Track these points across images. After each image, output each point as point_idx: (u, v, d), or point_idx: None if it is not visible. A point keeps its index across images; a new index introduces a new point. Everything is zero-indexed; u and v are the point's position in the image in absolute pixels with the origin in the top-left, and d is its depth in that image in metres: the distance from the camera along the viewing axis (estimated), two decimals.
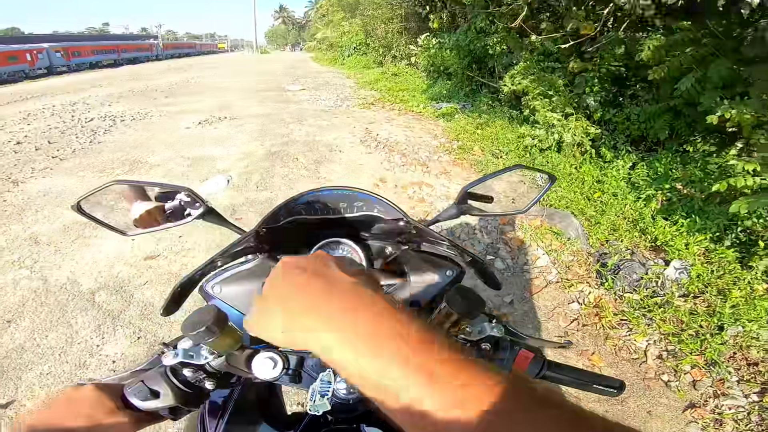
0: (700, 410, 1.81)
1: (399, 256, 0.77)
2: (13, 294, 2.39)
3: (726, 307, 2.19)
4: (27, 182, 4.00)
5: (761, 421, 1.73)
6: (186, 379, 0.53)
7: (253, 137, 5.63)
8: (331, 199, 0.72)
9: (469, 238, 2.99)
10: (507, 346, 0.59)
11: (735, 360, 2.03)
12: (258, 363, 0.55)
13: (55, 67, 21.29)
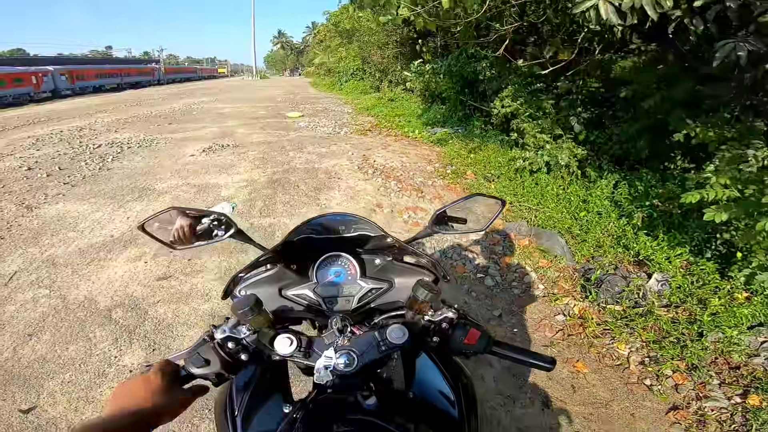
0: (683, 412, 1.89)
1: (386, 266, 0.97)
2: (33, 310, 2.55)
3: (705, 315, 2.32)
4: (41, 207, 4.19)
5: (745, 421, 1.80)
6: (229, 351, 0.73)
7: (255, 165, 5.87)
8: (333, 223, 0.93)
9: (460, 258, 3.18)
10: (460, 326, 0.77)
11: (717, 364, 2.12)
12: (279, 341, 0.75)
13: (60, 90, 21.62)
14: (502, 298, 2.75)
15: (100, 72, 27.26)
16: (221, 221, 0.92)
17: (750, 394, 1.91)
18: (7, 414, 1.85)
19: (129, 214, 4.03)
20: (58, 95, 21.18)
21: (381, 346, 0.76)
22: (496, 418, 1.88)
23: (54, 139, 7.72)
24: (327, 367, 0.75)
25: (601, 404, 1.97)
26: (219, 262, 3.10)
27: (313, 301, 0.93)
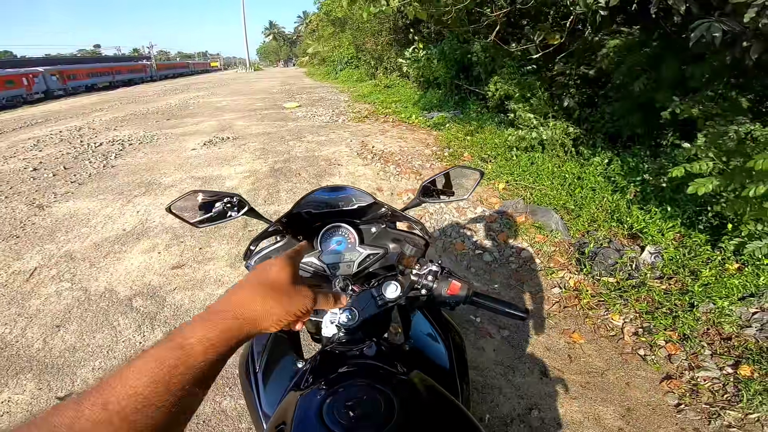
0: (676, 381, 1.96)
1: (381, 233, 1.09)
2: (58, 303, 2.67)
3: (697, 286, 2.38)
4: (52, 206, 4.30)
5: (737, 392, 1.85)
6: None
7: (256, 156, 5.96)
8: (332, 195, 1.05)
9: (459, 236, 3.31)
10: (443, 278, 0.88)
11: (708, 335, 2.18)
12: None
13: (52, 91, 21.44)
14: (500, 273, 2.88)
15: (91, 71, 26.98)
16: (235, 201, 1.05)
17: (741, 365, 1.96)
18: (45, 402, 1.95)
19: (138, 209, 4.15)
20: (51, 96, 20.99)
21: (378, 301, 0.86)
22: (497, 387, 1.98)
23: (54, 140, 7.77)
24: (332, 322, 0.86)
25: (597, 373, 2.05)
26: (228, 250, 3.23)
27: (318, 267, 1.04)
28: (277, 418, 0.77)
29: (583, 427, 1.78)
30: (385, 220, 1.09)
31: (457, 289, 0.86)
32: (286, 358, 0.99)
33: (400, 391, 0.72)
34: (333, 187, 1.01)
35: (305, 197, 0.98)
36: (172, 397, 0.39)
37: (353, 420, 0.65)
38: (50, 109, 13.78)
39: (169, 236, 3.54)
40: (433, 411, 0.74)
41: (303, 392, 0.77)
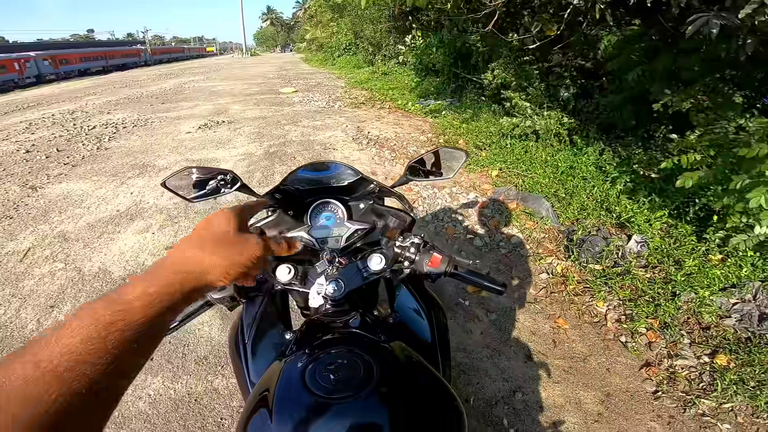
0: (654, 369, 2.00)
1: (369, 209, 1.12)
2: (51, 283, 2.69)
3: (680, 275, 2.43)
4: (45, 187, 4.30)
5: (712, 381, 1.89)
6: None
7: (252, 139, 5.95)
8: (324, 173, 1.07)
9: (450, 220, 3.35)
10: (425, 251, 0.91)
11: (688, 324, 2.23)
12: (280, 269, 0.91)
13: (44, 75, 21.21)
14: (490, 258, 2.93)
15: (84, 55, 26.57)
16: (228, 178, 1.07)
17: (718, 354, 2.01)
18: None
19: (132, 190, 4.15)
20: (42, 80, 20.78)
21: (363, 273, 0.90)
22: (483, 369, 2.03)
23: (47, 123, 7.68)
24: (319, 293, 0.89)
25: (579, 358, 2.10)
26: None
27: (308, 241, 1.07)
28: (261, 385, 0.79)
29: (565, 411, 1.83)
30: (373, 197, 1.12)
31: (438, 261, 0.89)
32: (274, 330, 1.02)
33: (380, 357, 0.75)
34: (321, 162, 1.04)
35: (294, 172, 1.00)
36: (108, 355, 0.38)
37: (334, 383, 0.68)
38: (42, 93, 13.59)
39: (163, 217, 3.55)
40: (411, 378, 0.77)
41: (287, 359, 0.80)
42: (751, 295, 2.27)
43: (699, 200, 2.88)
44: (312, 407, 0.66)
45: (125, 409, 1.83)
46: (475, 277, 0.90)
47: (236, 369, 1.01)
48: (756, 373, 1.89)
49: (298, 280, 0.91)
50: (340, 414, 0.65)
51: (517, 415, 1.80)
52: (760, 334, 2.09)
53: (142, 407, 1.84)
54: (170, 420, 1.78)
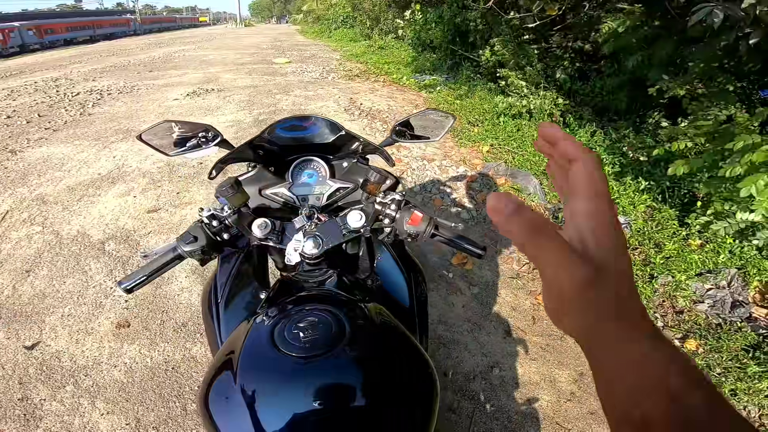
0: None
1: (352, 168, 1.09)
2: (28, 247, 2.63)
3: (659, 258, 2.44)
4: (25, 151, 4.17)
5: None
6: (212, 229, 0.85)
7: (241, 107, 5.81)
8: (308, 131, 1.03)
9: (439, 192, 3.32)
10: (405, 209, 0.89)
11: (663, 307, 2.23)
12: (256, 224, 0.87)
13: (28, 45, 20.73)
14: (476, 231, 2.91)
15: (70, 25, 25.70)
16: (209, 133, 1.03)
17: (688, 339, 2.04)
18: (13, 351, 1.92)
19: (115, 154, 4.05)
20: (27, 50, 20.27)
21: (343, 230, 0.87)
22: (463, 343, 2.03)
23: (29, 90, 7.42)
24: (296, 249, 0.87)
25: (557, 336, 2.11)
26: (207, 194, 3.21)
27: (288, 198, 1.04)
28: (227, 345, 0.77)
29: (539, 389, 1.85)
30: (356, 155, 1.08)
31: (418, 220, 0.86)
32: (249, 289, 1.00)
33: (353, 317, 0.73)
34: (303, 116, 1.00)
35: (275, 125, 0.96)
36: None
37: (303, 342, 0.66)
38: (26, 62, 13.07)
39: (146, 181, 3.48)
40: (385, 340, 0.76)
41: (255, 318, 0.78)
42: (726, 282, 2.27)
43: (684, 185, 2.88)
44: (279, 366, 0.64)
45: (100, 378, 1.81)
46: (456, 238, 0.88)
47: (208, 330, 0.98)
48: (723, 359, 1.91)
49: (275, 235, 0.88)
50: (308, 373, 0.63)
51: (494, 390, 1.82)
52: (730, 321, 2.11)
53: (117, 376, 1.82)
54: (146, 389, 1.76)
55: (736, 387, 1.78)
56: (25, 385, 1.77)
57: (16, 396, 1.72)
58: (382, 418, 0.63)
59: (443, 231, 0.89)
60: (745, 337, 1.98)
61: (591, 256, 0.28)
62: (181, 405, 1.71)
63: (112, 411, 1.68)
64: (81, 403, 1.70)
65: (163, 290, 2.29)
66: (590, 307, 0.28)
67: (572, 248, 0.28)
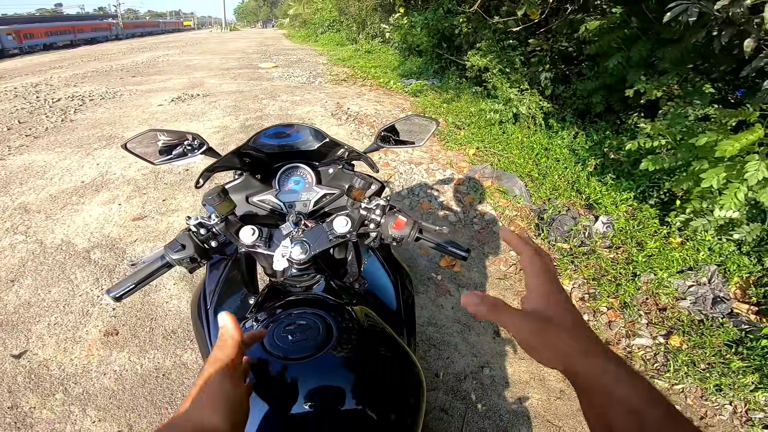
0: (613, 347, 2.01)
1: (337, 174, 1.11)
2: (12, 257, 2.59)
3: (641, 257, 2.49)
4: (5, 159, 4.09)
5: (666, 361, 1.95)
6: (201, 237, 0.86)
7: (227, 112, 5.79)
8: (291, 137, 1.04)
9: (426, 195, 3.36)
10: (390, 214, 0.91)
11: (647, 305, 2.27)
12: (244, 231, 0.88)
13: (7, 50, 20.42)
14: (464, 233, 2.95)
15: (50, 29, 25.32)
16: (195, 141, 1.04)
17: (672, 335, 2.06)
18: (0, 360, 1.90)
19: (98, 161, 4.00)
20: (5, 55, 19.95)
21: (329, 236, 0.89)
22: (453, 344, 2.05)
23: (9, 96, 7.27)
24: (284, 255, 0.88)
25: None
26: (193, 201, 3.19)
27: (275, 204, 1.06)
28: None
29: (529, 387, 1.87)
30: (342, 161, 1.10)
31: (402, 224, 0.88)
32: (238, 295, 1.00)
33: (340, 320, 0.75)
34: (288, 124, 1.00)
35: (260, 133, 0.97)
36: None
37: (292, 343, 0.67)
38: (5, 67, 12.78)
39: (130, 188, 3.45)
40: (372, 341, 0.77)
41: (245, 322, 0.79)
42: (706, 279, 2.33)
43: (663, 185, 2.95)
44: (268, 368, 0.65)
45: (90, 386, 1.79)
46: (440, 241, 0.90)
47: (198, 336, 0.99)
48: (706, 355, 1.95)
49: (262, 242, 0.89)
50: (296, 374, 0.64)
51: (485, 390, 1.84)
52: (712, 317, 2.15)
53: (107, 383, 1.80)
54: (137, 396, 1.75)
55: (720, 382, 1.81)
56: (14, 393, 1.75)
57: (6, 404, 1.71)
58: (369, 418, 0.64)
59: (428, 235, 0.91)
60: (727, 333, 2.02)
61: (540, 312, 0.42)
62: (173, 411, 1.70)
63: (104, 418, 1.66)
64: (72, 410, 1.69)
65: (151, 298, 2.28)
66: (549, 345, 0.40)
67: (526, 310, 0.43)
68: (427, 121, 1.13)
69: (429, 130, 1.13)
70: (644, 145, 2.70)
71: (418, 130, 1.14)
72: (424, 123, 1.13)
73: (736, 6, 2.13)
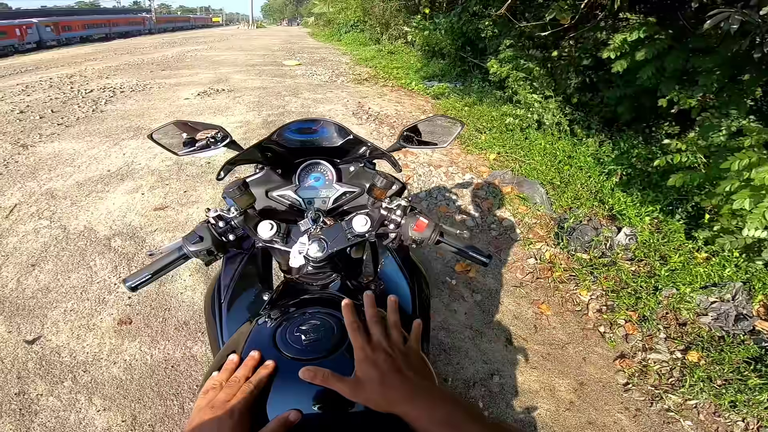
0: (628, 361, 2.00)
1: (358, 172, 1.09)
2: (35, 241, 2.66)
3: (664, 271, 2.42)
4: (36, 146, 4.24)
5: (682, 376, 1.91)
6: (219, 230, 0.86)
7: (251, 108, 5.87)
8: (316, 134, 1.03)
9: (444, 199, 3.32)
10: (411, 215, 0.88)
11: (666, 319, 2.22)
12: (262, 226, 0.87)
13: (45, 41, 21.24)
14: (481, 239, 2.91)
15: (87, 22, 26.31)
16: (219, 134, 1.04)
17: (690, 351, 2.02)
18: (13, 345, 1.92)
19: (125, 151, 4.11)
20: (44, 46, 20.80)
21: (348, 234, 0.86)
22: (464, 350, 2.03)
23: (44, 86, 7.54)
24: (300, 252, 0.86)
25: (558, 345, 2.10)
26: (213, 194, 3.23)
27: (294, 200, 1.05)
28: (229, 345, 0.78)
29: (539, 397, 1.83)
30: (364, 159, 1.09)
31: (423, 226, 0.86)
32: (253, 290, 0.99)
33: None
34: (312, 119, 0.98)
35: (284, 128, 0.96)
36: None
37: (305, 344, 0.66)
38: (42, 58, 13.30)
39: (154, 178, 3.52)
40: None
41: (258, 319, 0.78)
42: (730, 295, 2.25)
43: (692, 198, 2.85)
44: (280, 368, 0.64)
45: (98, 375, 1.81)
46: (461, 245, 0.88)
47: (210, 330, 0.98)
48: (724, 371, 1.89)
49: (280, 237, 0.87)
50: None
51: (493, 398, 1.81)
52: (733, 333, 2.09)
53: (116, 373, 1.82)
54: (144, 386, 1.76)
55: (736, 399, 1.76)
56: (23, 379, 1.77)
57: (13, 390, 1.72)
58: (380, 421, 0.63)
59: (448, 238, 0.88)
60: (747, 350, 1.96)
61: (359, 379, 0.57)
62: (178, 403, 1.71)
63: (109, 408, 1.68)
64: (78, 399, 1.71)
65: (166, 288, 2.31)
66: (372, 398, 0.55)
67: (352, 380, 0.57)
68: (451, 123, 1.10)
69: (453, 132, 1.10)
70: (673, 161, 2.61)
71: (442, 131, 1.11)
72: (448, 124, 1.10)
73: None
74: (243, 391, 0.58)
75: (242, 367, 0.62)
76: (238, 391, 0.58)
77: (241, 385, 0.59)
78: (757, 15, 2.12)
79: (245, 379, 0.60)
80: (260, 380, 0.60)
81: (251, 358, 0.64)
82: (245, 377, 0.60)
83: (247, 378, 0.60)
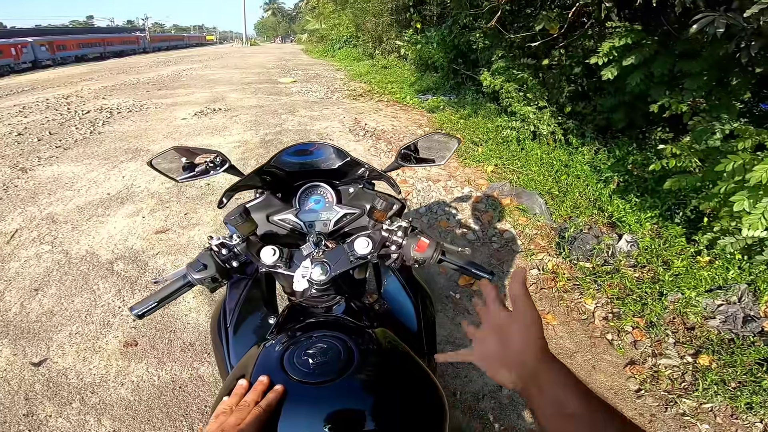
0: (638, 367, 1.99)
1: (358, 194, 1.10)
2: (37, 266, 2.65)
3: (668, 275, 2.42)
4: (35, 169, 4.24)
5: (694, 380, 1.89)
6: (222, 257, 0.87)
7: (248, 127, 5.91)
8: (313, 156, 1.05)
9: (444, 213, 3.34)
10: (412, 235, 0.90)
11: (674, 324, 2.22)
12: (264, 251, 0.88)
13: (41, 60, 21.30)
14: (482, 252, 2.92)
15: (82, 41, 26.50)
16: (217, 161, 1.05)
17: (701, 355, 2.01)
18: (19, 368, 1.92)
19: (124, 174, 4.11)
20: (39, 66, 20.85)
21: (350, 257, 0.88)
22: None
23: (41, 107, 7.58)
24: (304, 276, 0.88)
25: (566, 355, 2.09)
26: (214, 216, 3.23)
27: (295, 224, 1.06)
28: (238, 369, 0.78)
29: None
30: (363, 180, 1.10)
31: (425, 246, 0.87)
32: (258, 314, 1.00)
33: (361, 343, 0.74)
34: (309, 142, 1.01)
35: (281, 152, 0.98)
36: None
37: (313, 367, 0.67)
38: (37, 78, 13.40)
39: (154, 201, 3.52)
40: (393, 365, 0.76)
41: (265, 343, 0.79)
42: (736, 297, 2.26)
43: (690, 202, 2.87)
44: (289, 392, 0.65)
45: (106, 396, 1.80)
46: (463, 263, 0.89)
47: (217, 354, 0.99)
48: (737, 374, 1.89)
49: (283, 262, 0.89)
50: (317, 398, 0.64)
51: (503, 409, 1.80)
52: (743, 335, 2.09)
53: (124, 394, 1.81)
54: (153, 407, 1.75)
55: (752, 401, 1.76)
56: (30, 401, 1.77)
57: (21, 411, 1.72)
58: None
59: (450, 256, 0.90)
60: (758, 351, 1.96)
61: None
62: (187, 424, 1.69)
63: (119, 429, 1.67)
64: (87, 420, 1.70)
65: (171, 310, 2.30)
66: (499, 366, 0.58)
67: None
68: (447, 139, 1.12)
69: (450, 148, 1.11)
70: (668, 165, 2.65)
71: (439, 148, 1.13)
72: (444, 141, 1.12)
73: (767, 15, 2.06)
74: (253, 414, 0.58)
75: (251, 392, 0.62)
76: (248, 415, 0.58)
77: (251, 409, 0.59)
78: (741, 18, 2.16)
79: (255, 404, 0.60)
80: (269, 404, 0.61)
81: (260, 382, 0.64)
82: (255, 401, 0.61)
83: (256, 402, 0.61)
